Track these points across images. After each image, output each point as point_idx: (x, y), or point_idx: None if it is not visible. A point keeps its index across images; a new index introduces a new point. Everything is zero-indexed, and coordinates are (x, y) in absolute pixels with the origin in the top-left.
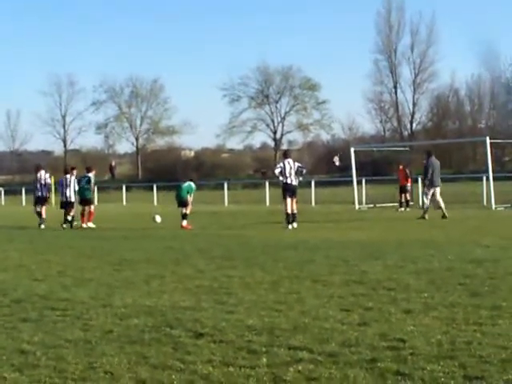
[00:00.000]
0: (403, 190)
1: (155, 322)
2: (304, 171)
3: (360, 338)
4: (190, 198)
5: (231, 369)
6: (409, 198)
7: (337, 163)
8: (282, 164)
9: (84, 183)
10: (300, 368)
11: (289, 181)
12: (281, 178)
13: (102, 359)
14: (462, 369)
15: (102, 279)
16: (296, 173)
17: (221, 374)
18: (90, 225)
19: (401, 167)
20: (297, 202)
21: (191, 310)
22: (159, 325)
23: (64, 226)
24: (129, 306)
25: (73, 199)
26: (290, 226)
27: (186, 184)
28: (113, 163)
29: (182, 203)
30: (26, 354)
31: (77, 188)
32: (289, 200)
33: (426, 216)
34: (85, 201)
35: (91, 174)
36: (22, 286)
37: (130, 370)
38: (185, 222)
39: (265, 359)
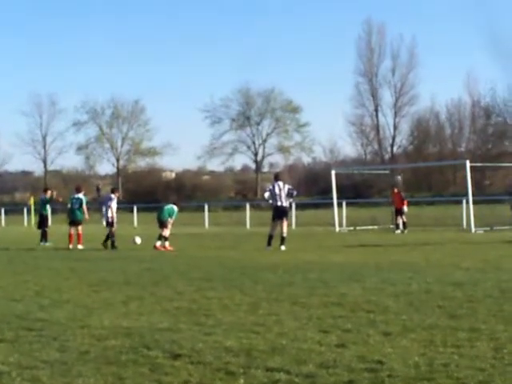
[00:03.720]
0: (399, 212)
1: (133, 343)
2: (294, 193)
3: (338, 360)
4: (170, 221)
5: None
6: (405, 220)
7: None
8: (271, 186)
9: (77, 205)
10: None
11: (279, 203)
12: (270, 201)
13: (79, 380)
14: None
15: (80, 300)
16: (287, 195)
17: None
18: (80, 247)
19: (396, 190)
20: (288, 225)
21: (169, 332)
22: (137, 346)
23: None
24: (106, 327)
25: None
26: (268, 248)
27: (169, 206)
28: (100, 184)
29: (162, 224)
30: (1, 375)
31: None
32: (276, 223)
33: None
34: (75, 222)
35: (82, 195)
36: None
37: None
38: (158, 243)
39: (242, 380)
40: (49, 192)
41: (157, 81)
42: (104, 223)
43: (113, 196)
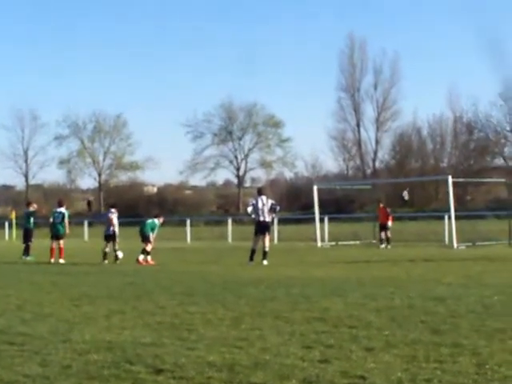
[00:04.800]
0: (383, 227)
1: (115, 358)
2: (278, 208)
3: (321, 375)
4: (152, 235)
5: None
6: (389, 235)
7: (406, 198)
8: (254, 201)
9: (59, 219)
10: None
11: (261, 218)
12: (253, 216)
13: None
14: None
15: (62, 314)
16: (270, 210)
17: None
18: (61, 261)
19: (381, 205)
20: (269, 241)
21: (152, 346)
22: (119, 360)
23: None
24: (88, 342)
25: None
26: (250, 263)
27: (150, 221)
28: (90, 198)
29: (145, 239)
30: None
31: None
32: (258, 237)
33: None
34: (57, 236)
35: (64, 210)
36: None
37: None
38: (141, 257)
39: None
40: (32, 205)
41: (139, 95)
42: (104, 237)
43: (113, 210)
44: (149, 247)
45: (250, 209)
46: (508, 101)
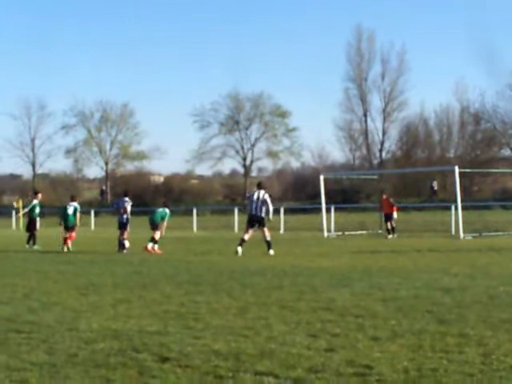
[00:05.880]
0: (388, 218)
1: (121, 346)
2: (269, 208)
3: (326, 364)
4: (163, 224)
5: None
6: (394, 225)
7: (435, 187)
8: (251, 194)
9: (72, 212)
10: None
11: (253, 212)
12: (248, 208)
13: (67, 383)
14: None
15: (68, 303)
16: (262, 204)
17: None
18: (69, 246)
19: (384, 197)
20: (268, 230)
21: (158, 335)
22: (125, 349)
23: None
24: (95, 330)
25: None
26: (239, 251)
27: (161, 209)
28: (103, 187)
29: (155, 227)
30: None
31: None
32: (249, 229)
33: None
34: (69, 227)
35: (77, 204)
36: None
37: None
38: (150, 245)
39: None
40: (38, 196)
41: (146, 84)
42: (118, 225)
43: (127, 199)
44: (157, 235)
45: (247, 201)
46: None
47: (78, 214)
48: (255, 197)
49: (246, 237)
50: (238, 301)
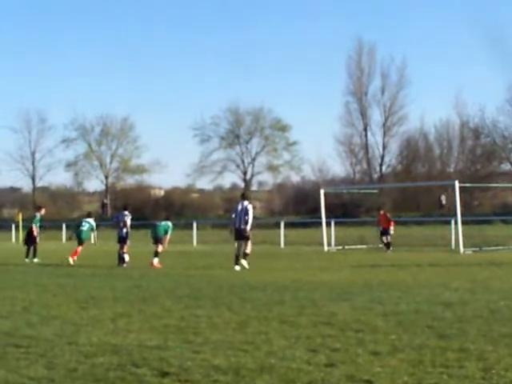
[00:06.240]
0: (385, 232)
1: (121, 361)
2: (249, 217)
3: (326, 379)
4: (166, 237)
5: None
6: (390, 240)
7: (444, 202)
8: (236, 205)
9: (85, 227)
10: None
11: (237, 225)
12: (232, 222)
13: None
14: None
15: (68, 317)
16: (245, 214)
17: None
18: (71, 261)
19: (382, 212)
20: (251, 244)
21: (157, 349)
22: (124, 363)
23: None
24: (94, 345)
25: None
26: (236, 267)
27: (163, 223)
28: (105, 200)
29: (158, 241)
30: None
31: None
32: (236, 243)
33: None
34: (82, 243)
35: (92, 221)
36: None
37: None
38: (156, 261)
39: None
40: (40, 211)
41: (146, 98)
42: (117, 239)
43: (126, 212)
44: (160, 249)
45: (233, 215)
46: None
47: (94, 232)
48: (239, 208)
49: (237, 251)
50: (238, 315)
